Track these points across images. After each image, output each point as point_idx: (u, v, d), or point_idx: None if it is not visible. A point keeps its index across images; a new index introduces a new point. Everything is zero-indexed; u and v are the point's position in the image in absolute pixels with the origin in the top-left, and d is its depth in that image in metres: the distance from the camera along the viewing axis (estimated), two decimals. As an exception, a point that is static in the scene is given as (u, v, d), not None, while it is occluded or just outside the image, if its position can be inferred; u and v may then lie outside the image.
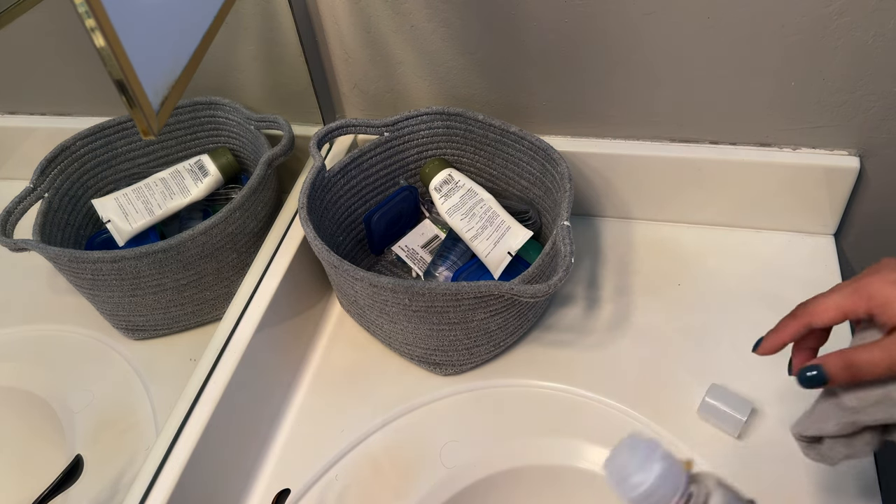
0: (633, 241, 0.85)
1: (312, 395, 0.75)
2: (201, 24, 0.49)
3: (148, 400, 0.67)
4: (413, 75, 0.82)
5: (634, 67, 0.74)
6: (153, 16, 0.42)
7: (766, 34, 0.68)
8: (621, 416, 0.68)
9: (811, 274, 0.78)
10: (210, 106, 0.81)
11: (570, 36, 0.73)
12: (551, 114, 0.81)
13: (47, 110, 0.73)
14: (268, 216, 0.78)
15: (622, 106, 0.78)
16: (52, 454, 0.62)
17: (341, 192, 0.80)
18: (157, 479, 0.59)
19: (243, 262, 0.74)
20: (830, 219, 0.80)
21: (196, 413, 0.63)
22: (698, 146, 0.79)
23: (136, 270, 0.68)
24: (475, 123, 0.80)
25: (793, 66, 0.70)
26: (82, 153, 0.74)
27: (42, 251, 0.67)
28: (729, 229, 0.84)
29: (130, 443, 0.64)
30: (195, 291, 0.72)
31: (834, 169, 0.75)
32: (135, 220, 0.74)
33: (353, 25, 0.79)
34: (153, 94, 0.41)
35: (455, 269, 0.80)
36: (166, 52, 0.44)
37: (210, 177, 0.78)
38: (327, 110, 0.87)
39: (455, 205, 0.79)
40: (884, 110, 0.71)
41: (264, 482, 0.69)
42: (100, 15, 0.36)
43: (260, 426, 0.71)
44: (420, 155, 0.83)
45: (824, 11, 0.65)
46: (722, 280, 0.79)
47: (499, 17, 0.74)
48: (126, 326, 0.72)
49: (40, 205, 0.70)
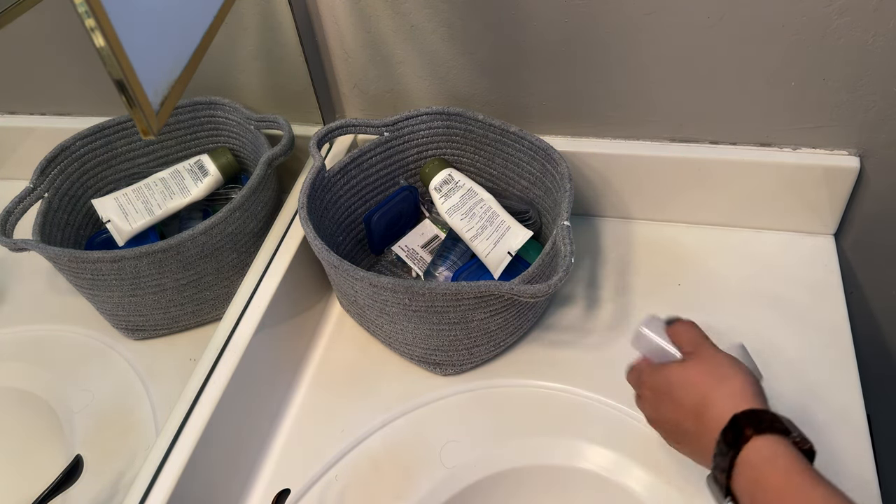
0: (633, 240, 0.85)
1: (312, 394, 0.75)
2: (201, 23, 0.49)
3: (148, 400, 0.67)
4: (413, 75, 0.82)
5: (634, 67, 0.74)
6: (153, 15, 0.42)
7: (767, 34, 0.68)
8: (621, 416, 0.68)
9: (811, 274, 0.78)
10: (210, 106, 0.81)
11: (570, 36, 0.73)
12: (551, 114, 0.81)
13: (47, 110, 0.73)
14: (268, 216, 0.78)
15: (622, 106, 0.78)
16: (52, 454, 0.62)
17: (341, 191, 0.80)
18: (156, 479, 0.59)
19: (243, 261, 0.74)
20: (830, 219, 0.80)
21: (196, 413, 0.63)
22: (698, 146, 0.79)
23: (136, 270, 0.68)
24: (475, 123, 0.80)
25: (793, 65, 0.70)
26: (82, 153, 0.74)
27: (42, 251, 0.67)
28: (729, 229, 0.84)
29: (130, 443, 0.64)
30: (195, 291, 0.72)
31: (834, 169, 0.75)
32: (135, 219, 0.74)
33: (353, 25, 0.79)
34: (153, 94, 0.41)
35: (455, 269, 0.80)
36: (166, 51, 0.44)
37: (210, 177, 0.78)
38: (327, 110, 0.87)
39: (455, 205, 0.79)
40: (884, 110, 0.71)
41: (264, 482, 0.69)
42: (100, 15, 0.36)
43: (260, 426, 0.71)
44: (420, 155, 0.83)
45: (825, 11, 0.65)
46: (722, 280, 0.79)
47: (499, 17, 0.74)
48: (126, 326, 0.72)
49: (40, 205, 0.70)
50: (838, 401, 0.67)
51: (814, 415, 0.66)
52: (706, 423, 0.50)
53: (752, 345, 0.72)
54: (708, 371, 0.53)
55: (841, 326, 0.73)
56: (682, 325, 0.58)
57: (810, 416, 0.66)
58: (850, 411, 0.66)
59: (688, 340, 0.57)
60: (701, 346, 0.55)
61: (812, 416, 0.66)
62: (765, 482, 0.45)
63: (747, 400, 0.50)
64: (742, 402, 0.49)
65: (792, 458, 0.45)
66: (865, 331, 0.90)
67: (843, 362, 0.70)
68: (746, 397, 0.50)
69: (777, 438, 0.46)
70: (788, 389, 0.68)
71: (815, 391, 0.68)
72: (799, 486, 0.44)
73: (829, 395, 0.67)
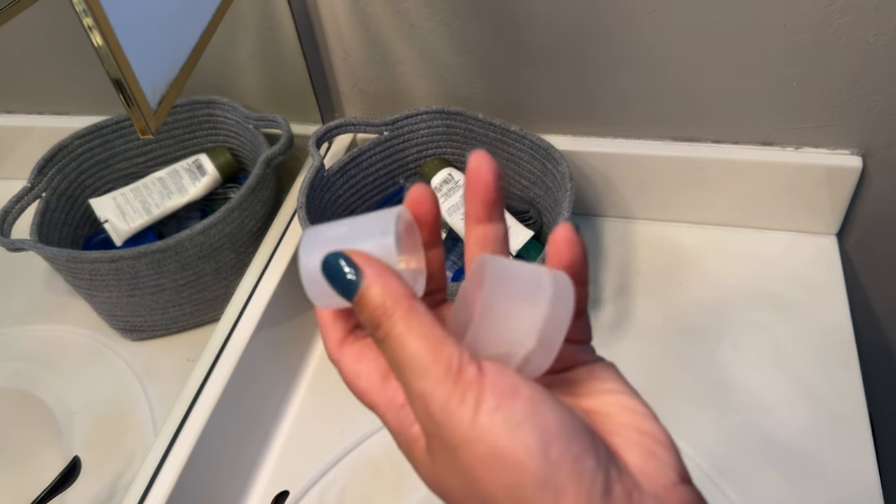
0: (634, 241, 0.85)
1: (311, 395, 0.75)
2: (199, 22, 0.48)
3: (146, 400, 0.67)
4: (413, 74, 0.81)
5: (635, 66, 0.74)
6: (151, 14, 0.42)
7: (768, 33, 0.68)
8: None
9: (813, 274, 0.78)
10: (208, 105, 0.81)
11: (570, 34, 0.73)
12: (552, 112, 0.81)
13: (45, 109, 0.73)
14: (266, 216, 0.78)
15: (623, 105, 0.78)
16: (50, 455, 0.62)
17: (340, 191, 0.80)
18: (154, 481, 0.58)
19: (242, 261, 0.74)
20: (833, 219, 0.79)
21: (194, 414, 0.62)
22: (700, 145, 0.79)
23: (134, 270, 0.67)
24: (475, 122, 0.79)
25: (795, 64, 0.70)
26: (80, 152, 0.74)
27: (39, 251, 0.67)
28: (731, 229, 0.84)
29: (128, 444, 0.64)
30: (193, 292, 0.72)
31: (836, 168, 0.75)
32: (132, 219, 0.74)
33: (352, 24, 0.78)
34: (151, 93, 0.41)
35: (455, 270, 0.80)
36: (164, 50, 0.43)
37: (208, 176, 0.78)
38: (326, 109, 0.86)
39: (455, 204, 0.78)
40: (886, 109, 0.71)
41: (263, 483, 0.68)
42: (98, 13, 0.36)
43: (259, 427, 0.71)
44: (420, 154, 0.83)
45: (826, 10, 0.65)
46: (723, 280, 0.79)
47: (499, 16, 0.73)
48: (124, 327, 0.72)
49: (38, 204, 0.70)
50: (840, 401, 0.67)
51: (816, 415, 0.66)
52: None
53: (753, 345, 0.72)
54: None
55: (843, 327, 0.72)
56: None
57: (812, 416, 0.66)
58: (852, 411, 0.66)
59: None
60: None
61: (814, 417, 0.66)
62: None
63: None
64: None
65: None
66: (868, 331, 0.90)
67: (845, 362, 0.69)
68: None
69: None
70: (790, 390, 0.68)
71: (817, 391, 0.67)
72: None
73: (832, 395, 0.67)
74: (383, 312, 0.27)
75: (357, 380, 0.32)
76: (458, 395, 0.25)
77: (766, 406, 0.67)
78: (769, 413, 0.66)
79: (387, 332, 0.27)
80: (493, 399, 0.25)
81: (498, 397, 0.25)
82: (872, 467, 0.62)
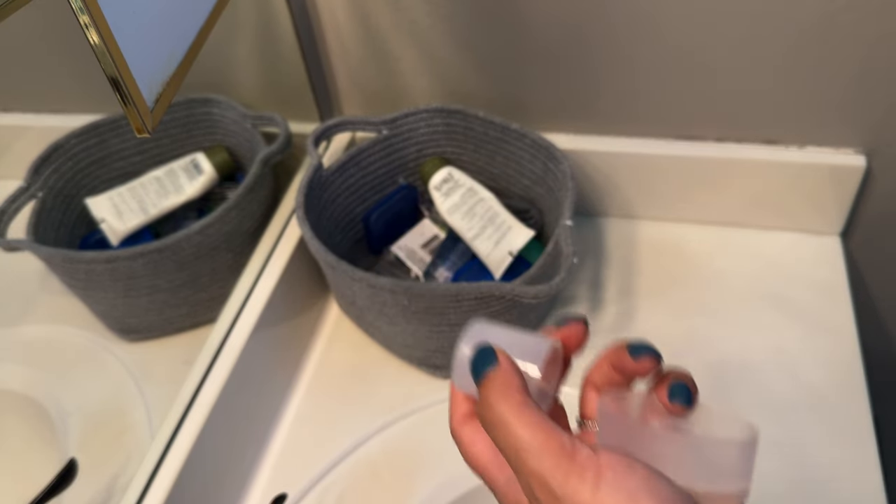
0: (636, 240, 0.84)
1: (310, 398, 0.74)
2: (197, 19, 0.48)
3: (142, 402, 0.67)
4: (412, 72, 0.81)
5: (638, 64, 0.74)
6: (148, 12, 0.41)
7: (772, 30, 0.68)
8: (624, 418, 0.67)
9: (818, 274, 0.77)
10: (205, 103, 0.80)
11: (572, 32, 0.72)
12: (553, 111, 0.80)
13: (41, 108, 0.73)
14: (264, 215, 0.78)
15: (625, 103, 0.78)
16: (46, 457, 0.61)
17: (339, 190, 0.79)
18: (151, 484, 0.58)
19: (239, 262, 0.73)
20: (837, 218, 0.79)
21: (191, 416, 0.62)
22: (704, 144, 0.78)
23: (131, 271, 0.67)
24: (475, 121, 0.79)
25: (799, 62, 0.69)
26: (76, 151, 0.73)
27: (35, 251, 0.67)
28: (734, 229, 0.83)
29: (125, 446, 0.64)
30: (190, 292, 0.72)
31: (840, 167, 0.75)
32: (129, 219, 0.74)
33: (351, 21, 0.78)
34: (147, 92, 0.40)
35: (455, 270, 0.79)
36: (161, 48, 0.43)
37: (205, 175, 0.78)
38: (325, 107, 0.86)
39: (455, 204, 0.78)
40: (890, 108, 0.70)
41: (261, 487, 0.68)
42: (94, 11, 0.36)
43: (256, 430, 0.70)
44: (419, 153, 0.83)
45: (830, 7, 0.65)
46: (727, 280, 0.78)
47: (500, 13, 0.73)
48: (120, 328, 0.71)
49: (33, 204, 0.69)
50: (844, 402, 0.66)
51: (819, 417, 0.66)
52: None
53: (755, 345, 0.72)
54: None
55: (847, 327, 0.72)
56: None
57: (816, 417, 0.65)
58: (856, 413, 0.65)
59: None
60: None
61: (817, 418, 0.65)
62: None
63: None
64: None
65: None
66: (872, 331, 0.90)
67: (849, 363, 0.69)
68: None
69: None
70: (793, 391, 0.67)
71: (821, 392, 0.67)
72: None
73: (836, 396, 0.67)
74: (500, 396, 0.32)
75: (472, 446, 0.37)
76: (576, 471, 0.29)
77: (770, 406, 0.67)
78: (773, 414, 0.66)
79: (499, 416, 0.31)
80: (611, 474, 0.28)
81: (616, 473, 0.29)
82: (876, 468, 0.62)
